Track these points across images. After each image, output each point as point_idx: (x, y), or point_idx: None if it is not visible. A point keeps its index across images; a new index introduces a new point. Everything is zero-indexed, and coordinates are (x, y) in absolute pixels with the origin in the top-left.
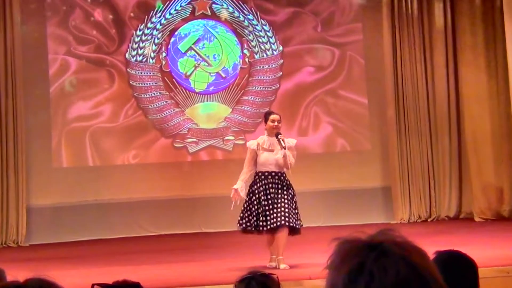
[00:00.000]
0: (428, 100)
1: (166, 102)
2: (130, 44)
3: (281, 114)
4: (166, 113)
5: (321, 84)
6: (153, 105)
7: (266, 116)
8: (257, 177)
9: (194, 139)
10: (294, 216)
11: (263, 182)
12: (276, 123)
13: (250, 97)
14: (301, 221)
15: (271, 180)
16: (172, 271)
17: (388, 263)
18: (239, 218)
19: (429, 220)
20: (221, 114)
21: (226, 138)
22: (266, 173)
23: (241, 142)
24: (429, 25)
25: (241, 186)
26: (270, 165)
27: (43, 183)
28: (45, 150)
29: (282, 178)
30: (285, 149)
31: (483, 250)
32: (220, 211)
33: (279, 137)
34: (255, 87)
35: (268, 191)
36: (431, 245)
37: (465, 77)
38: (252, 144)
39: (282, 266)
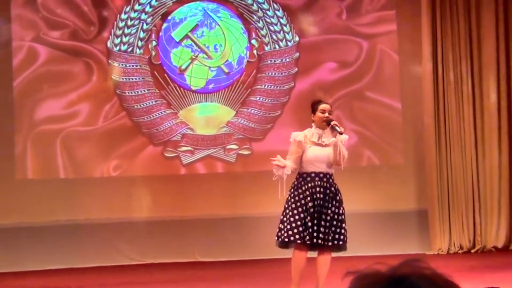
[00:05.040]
0: (474, 106)
1: (155, 101)
2: (112, 30)
3: (296, 118)
4: (156, 115)
5: (345, 83)
6: (140, 105)
7: (314, 106)
8: (301, 179)
9: (189, 148)
10: (339, 232)
11: (309, 185)
12: (327, 114)
13: (258, 98)
14: (346, 234)
15: (319, 183)
16: None
17: None
18: (280, 230)
19: (472, 251)
20: (222, 118)
21: (228, 147)
22: (313, 174)
23: (246, 152)
24: (476, 15)
25: (288, 165)
26: (320, 163)
27: (3, 198)
28: (6, 158)
29: (330, 181)
30: (341, 134)
31: None
32: (219, 237)
33: (332, 123)
34: (265, 85)
35: (315, 196)
36: (474, 282)
37: None
38: (298, 135)
39: None
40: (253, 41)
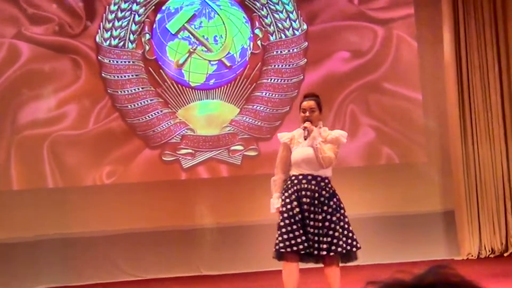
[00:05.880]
0: (502, 94)
1: (151, 100)
2: (101, 23)
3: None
4: (152, 115)
5: (359, 74)
6: (134, 105)
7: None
8: (289, 181)
9: (190, 150)
10: (340, 239)
11: (295, 188)
12: (307, 113)
13: (264, 93)
14: (353, 243)
15: (306, 186)
16: None
17: None
18: (277, 241)
19: (505, 254)
20: (225, 116)
21: (233, 148)
22: (300, 177)
23: (252, 153)
24: None
25: (278, 201)
26: (306, 165)
27: None
28: None
29: (322, 184)
30: (305, 139)
31: None
32: (225, 247)
33: (304, 124)
34: (271, 79)
35: (301, 200)
36: None
37: None
38: (283, 136)
39: None
40: (256, 31)
